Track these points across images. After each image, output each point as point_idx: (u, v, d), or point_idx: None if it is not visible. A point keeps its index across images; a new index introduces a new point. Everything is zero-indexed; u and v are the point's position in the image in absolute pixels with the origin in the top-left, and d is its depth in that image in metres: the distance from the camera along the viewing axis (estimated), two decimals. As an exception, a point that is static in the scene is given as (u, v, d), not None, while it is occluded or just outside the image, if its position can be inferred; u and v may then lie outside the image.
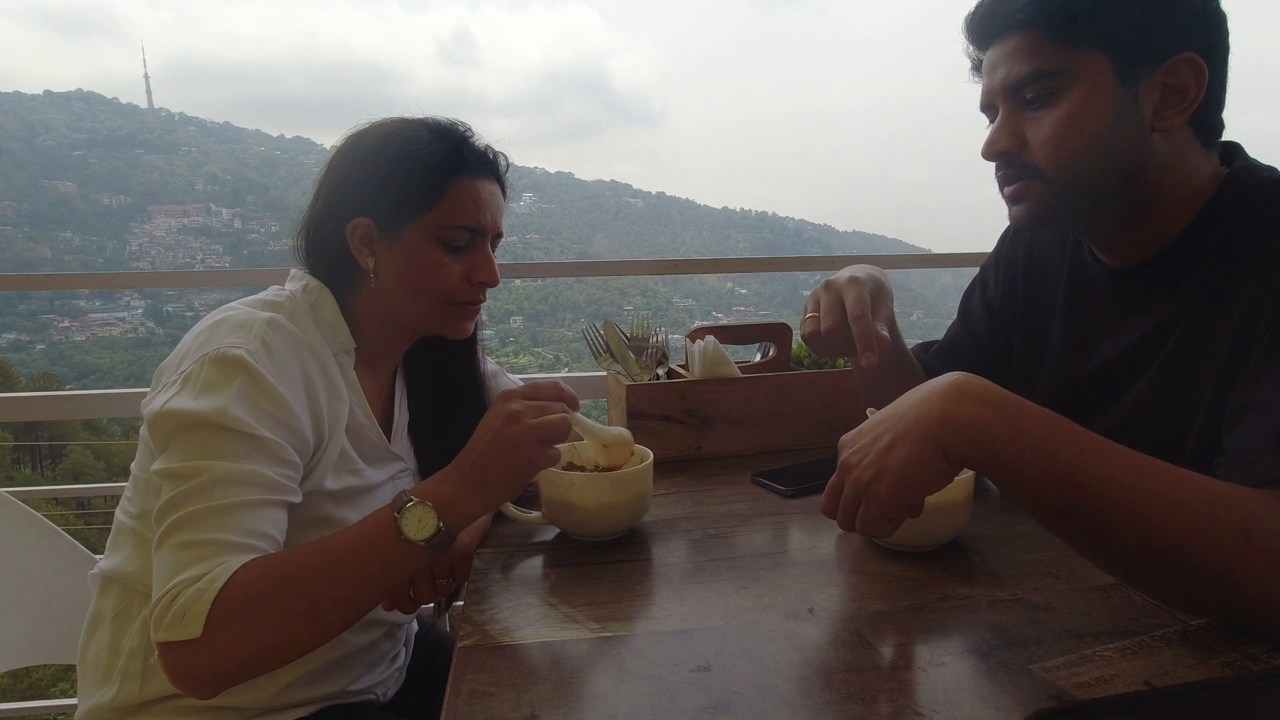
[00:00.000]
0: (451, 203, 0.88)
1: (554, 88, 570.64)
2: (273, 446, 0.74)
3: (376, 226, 0.87)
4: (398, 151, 0.87)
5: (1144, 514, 0.59)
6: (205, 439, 0.71)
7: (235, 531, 0.69)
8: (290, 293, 0.87)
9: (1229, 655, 0.61)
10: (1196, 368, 0.77)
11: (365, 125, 0.91)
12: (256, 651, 0.66)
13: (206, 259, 66.06)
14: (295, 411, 0.77)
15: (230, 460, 0.71)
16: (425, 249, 0.88)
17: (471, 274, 0.90)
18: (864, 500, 0.67)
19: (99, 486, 2.11)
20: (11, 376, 24.70)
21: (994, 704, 0.56)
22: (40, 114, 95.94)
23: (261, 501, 0.72)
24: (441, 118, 0.92)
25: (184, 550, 0.67)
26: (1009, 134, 0.81)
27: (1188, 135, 0.79)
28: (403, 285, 0.88)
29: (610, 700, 0.57)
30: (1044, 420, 0.63)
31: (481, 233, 0.90)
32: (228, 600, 0.64)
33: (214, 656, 0.64)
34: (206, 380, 0.73)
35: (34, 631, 1.09)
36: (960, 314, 1.12)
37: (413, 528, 0.69)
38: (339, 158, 0.90)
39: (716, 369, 1.15)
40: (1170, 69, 0.75)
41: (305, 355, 0.82)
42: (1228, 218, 0.77)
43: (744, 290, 49.76)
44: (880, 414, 0.70)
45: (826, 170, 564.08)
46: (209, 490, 0.69)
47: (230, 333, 0.77)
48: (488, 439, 0.74)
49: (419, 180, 0.87)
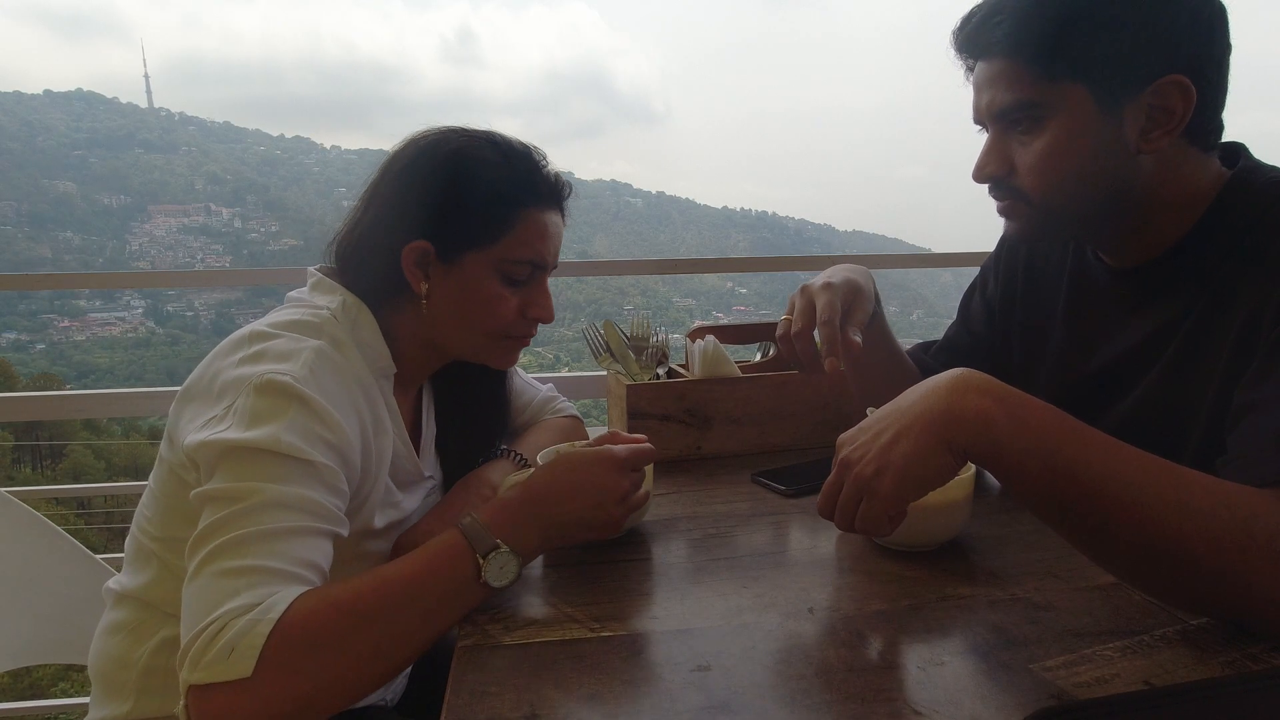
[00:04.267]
0: (519, 235, 0.83)
1: (557, 87, 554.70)
2: (326, 473, 0.69)
3: (435, 251, 0.82)
4: (467, 175, 0.82)
5: (1146, 512, 0.59)
6: (256, 463, 0.66)
7: (286, 559, 0.62)
8: (328, 311, 0.80)
9: (1229, 655, 0.61)
10: (1200, 368, 0.77)
11: (428, 136, 0.86)
12: (311, 695, 0.58)
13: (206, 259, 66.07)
14: (348, 438, 0.73)
15: (282, 484, 0.65)
16: (485, 280, 0.83)
17: (528, 308, 0.86)
18: (865, 497, 0.66)
19: (99, 486, 2.11)
20: (11, 376, 24.70)
21: (994, 704, 0.56)
22: (40, 114, 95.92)
23: (314, 530, 0.66)
24: (513, 139, 0.87)
25: (228, 578, 0.60)
26: (997, 159, 0.82)
27: (1182, 145, 0.78)
28: (456, 314, 0.84)
29: (610, 700, 0.57)
30: (1048, 416, 0.63)
31: (544, 267, 0.87)
32: (285, 635, 0.57)
33: (263, 701, 0.56)
34: (256, 410, 0.68)
35: (34, 631, 1.09)
36: (960, 314, 1.12)
37: (495, 574, 0.66)
38: (400, 170, 0.84)
39: (716, 369, 1.15)
40: (1155, 91, 0.74)
41: (353, 388, 0.77)
42: (1232, 218, 0.77)
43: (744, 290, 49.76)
44: (881, 411, 0.70)
45: (826, 170, 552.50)
46: (258, 514, 0.63)
47: (276, 360, 0.72)
48: (589, 506, 0.73)
49: (488, 209, 0.82)
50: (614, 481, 0.74)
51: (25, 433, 18.76)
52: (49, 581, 1.10)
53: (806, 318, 0.89)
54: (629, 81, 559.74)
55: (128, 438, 21.03)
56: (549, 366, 31.31)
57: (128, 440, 20.92)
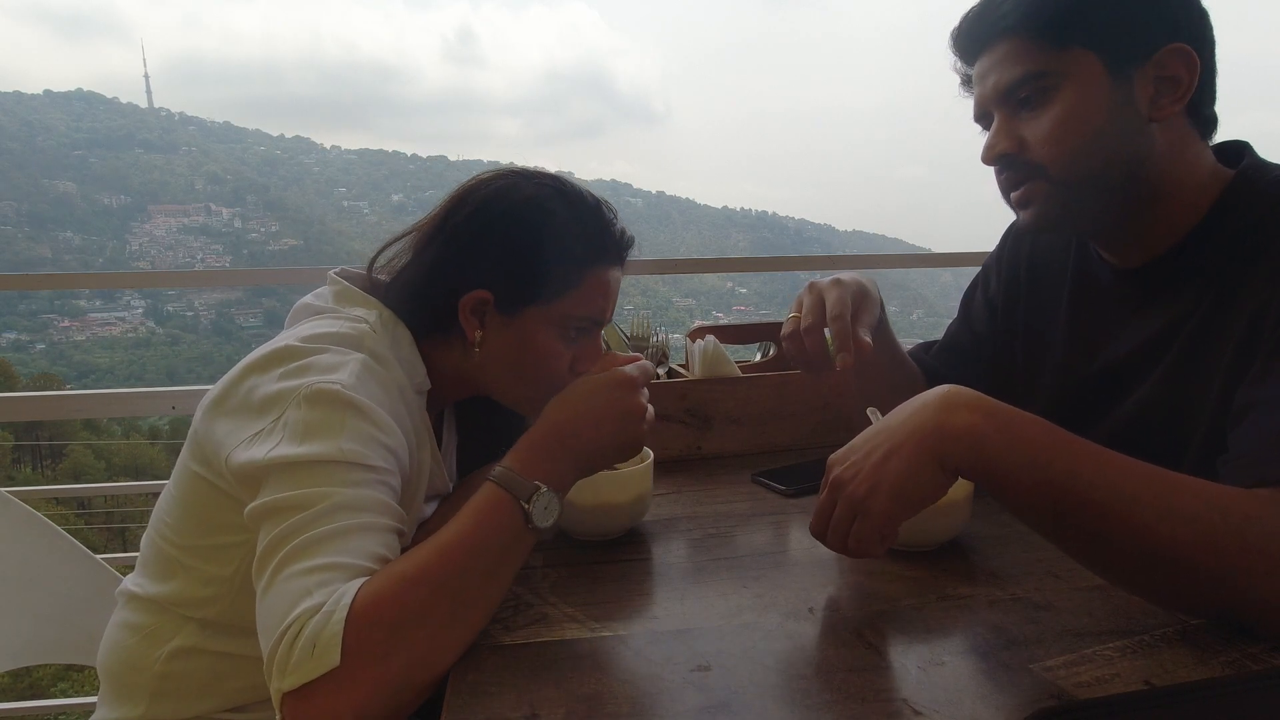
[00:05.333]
0: (585, 293, 0.82)
1: (558, 87, 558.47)
2: (387, 475, 0.69)
3: (495, 301, 0.80)
4: (537, 229, 0.80)
5: (1139, 520, 0.59)
6: (319, 472, 0.64)
7: (356, 555, 0.61)
8: (368, 325, 0.79)
9: (1229, 655, 0.60)
10: (1203, 368, 0.77)
11: (494, 179, 0.83)
12: (406, 670, 0.57)
13: (206, 258, 66.09)
14: (401, 440, 0.73)
15: (348, 488, 0.64)
16: (544, 336, 0.81)
17: (577, 363, 0.84)
18: (859, 516, 0.66)
19: (99, 486, 2.12)
20: (11, 376, 24.71)
21: (994, 703, 0.56)
22: (40, 114, 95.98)
23: (384, 526, 0.65)
24: (584, 191, 0.85)
25: (301, 578, 0.59)
26: (1007, 136, 0.81)
27: (1186, 126, 0.79)
28: (508, 365, 0.83)
29: (610, 700, 0.57)
30: (1037, 428, 0.63)
31: (601, 324, 0.86)
32: (361, 618, 0.56)
33: (363, 686, 0.55)
34: (310, 422, 0.66)
35: (34, 631, 1.09)
36: (961, 313, 1.11)
37: (541, 515, 0.66)
38: (463, 215, 0.82)
39: (716, 369, 1.15)
40: (1160, 61, 0.75)
41: (397, 400, 0.76)
42: (1236, 216, 0.77)
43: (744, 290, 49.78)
44: (870, 430, 0.70)
45: (827, 170, 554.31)
46: (326, 517, 0.62)
47: (323, 372, 0.71)
48: (615, 431, 0.72)
49: (556, 267, 0.80)
50: (634, 402, 0.73)
51: (25, 433, 18.78)
52: (49, 581, 1.10)
53: (816, 314, 0.87)
54: (629, 81, 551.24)
55: (128, 438, 21.04)
56: (549, 366, 31.20)
57: (128, 440, 20.94)
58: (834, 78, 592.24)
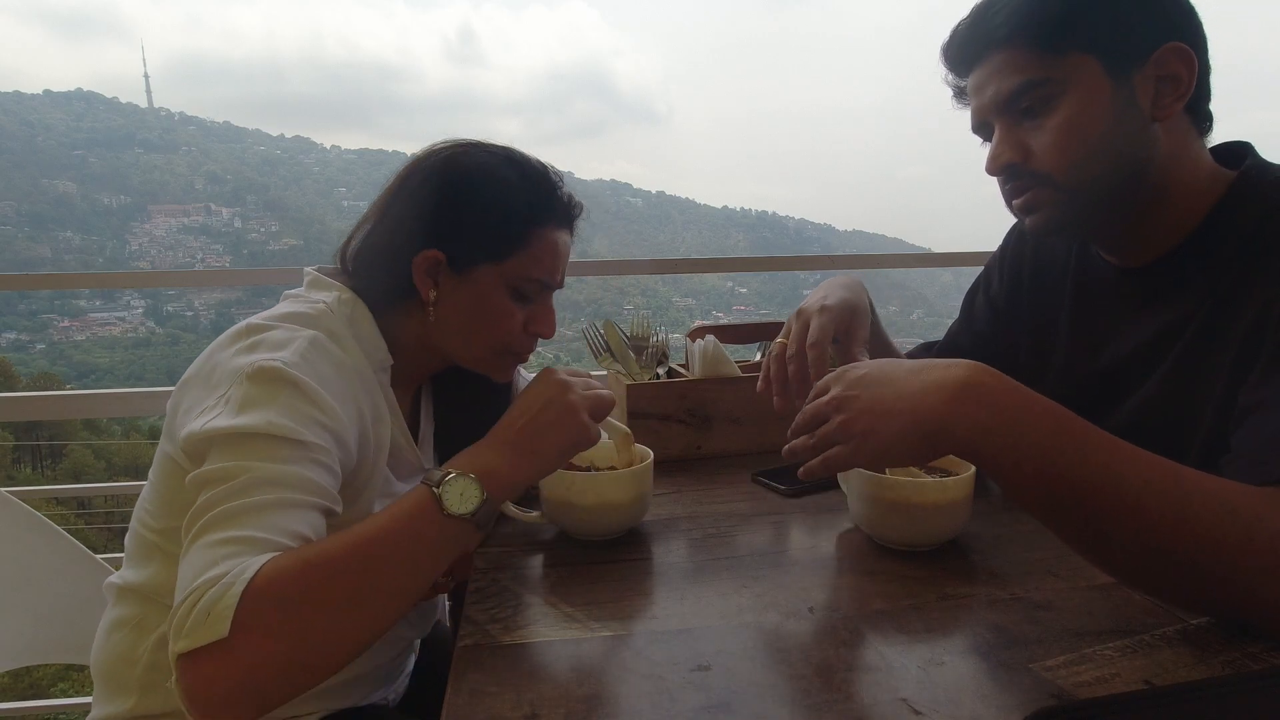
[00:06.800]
0: (533, 253, 0.84)
1: (559, 87, 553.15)
2: (318, 453, 0.69)
3: (447, 261, 0.83)
4: (485, 191, 0.83)
5: (1146, 515, 0.58)
6: (248, 445, 0.66)
7: (272, 530, 0.63)
8: (325, 304, 0.82)
9: (1229, 654, 0.60)
10: (1206, 367, 0.76)
11: (448, 148, 0.86)
12: (295, 650, 0.58)
13: (206, 258, 66.06)
14: (342, 419, 0.73)
15: (273, 462, 0.66)
16: (495, 294, 0.84)
17: (530, 324, 0.88)
18: (844, 443, 0.69)
19: (99, 486, 2.11)
20: (11, 376, 24.70)
21: (994, 703, 0.56)
22: (40, 114, 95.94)
23: (305, 503, 0.66)
24: (531, 158, 0.88)
25: (213, 549, 0.61)
26: (1012, 146, 0.81)
27: (1187, 125, 0.79)
28: (462, 324, 0.85)
29: (610, 700, 0.57)
30: (1046, 422, 0.62)
31: (552, 286, 0.88)
32: (257, 593, 0.57)
33: (247, 659, 0.56)
34: (248, 397, 0.69)
35: (34, 631, 1.09)
36: (963, 313, 1.11)
37: (455, 501, 0.66)
38: (416, 180, 0.85)
39: (716, 368, 1.15)
40: (1159, 60, 0.76)
41: (350, 376, 0.78)
42: (1239, 216, 0.77)
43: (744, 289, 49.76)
44: (892, 372, 0.69)
45: (827, 169, 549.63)
46: (248, 489, 0.64)
47: (271, 349, 0.73)
48: (538, 406, 0.73)
49: (504, 226, 0.83)
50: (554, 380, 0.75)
51: (25, 433, 18.77)
52: (49, 581, 1.10)
53: (800, 342, 0.91)
54: (631, 82, 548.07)
55: (128, 438, 21.02)
56: (549, 366, 31.17)
57: (128, 440, 20.92)
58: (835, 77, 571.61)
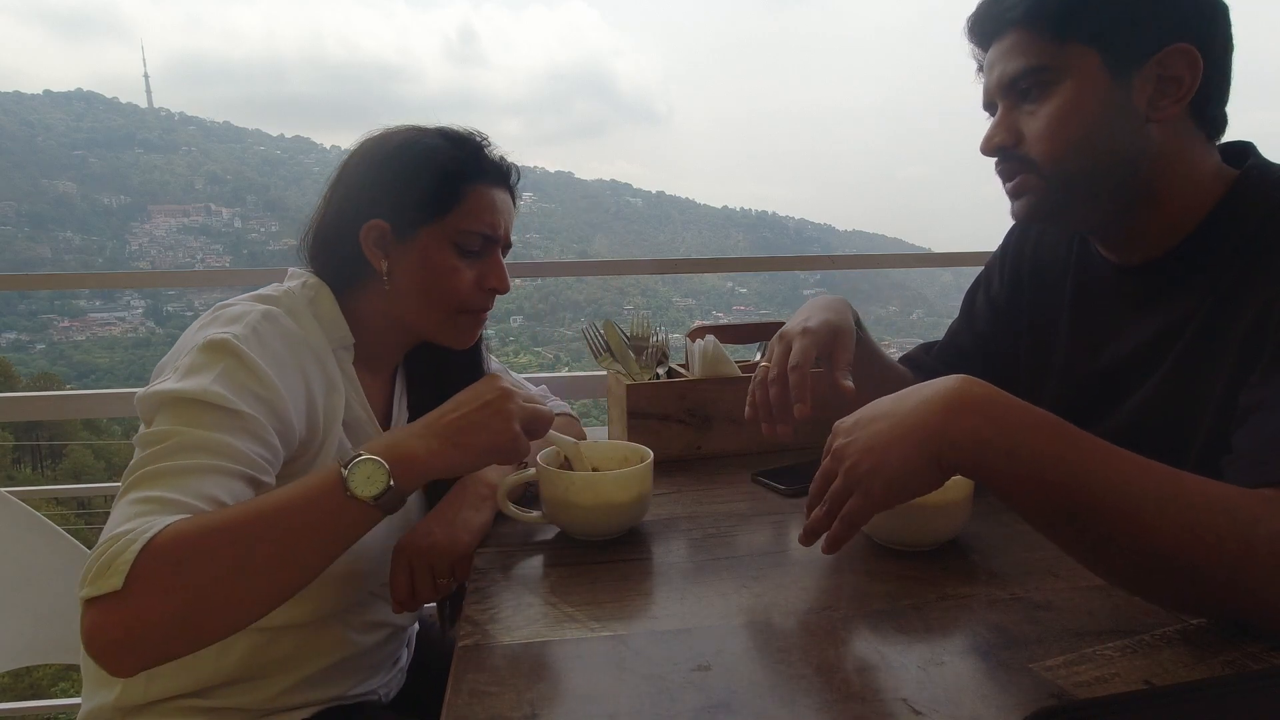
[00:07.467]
0: (468, 208, 0.89)
1: (560, 87, 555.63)
2: (251, 423, 0.72)
3: (392, 229, 0.88)
4: (416, 157, 0.88)
5: (1144, 521, 0.58)
6: (181, 411, 0.70)
7: (188, 493, 0.65)
8: (288, 289, 0.87)
9: (1229, 654, 0.60)
10: (1207, 367, 0.76)
11: (380, 131, 0.92)
12: (182, 609, 0.60)
13: (206, 259, 66.04)
14: (282, 394, 0.76)
15: (202, 428, 0.69)
16: (440, 252, 0.89)
17: (483, 279, 0.91)
18: (857, 493, 0.67)
19: (99, 486, 2.10)
20: (11, 376, 24.70)
21: (994, 703, 0.56)
22: (40, 114, 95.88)
23: (226, 470, 0.69)
24: (459, 126, 0.93)
25: (131, 505, 0.64)
26: (1005, 129, 0.83)
27: (1189, 126, 0.79)
28: (416, 288, 0.89)
29: (610, 700, 0.57)
30: (1043, 432, 0.62)
31: (495, 240, 0.92)
32: (154, 551, 0.59)
33: (133, 612, 0.58)
34: (193, 364, 0.73)
35: (34, 631, 1.09)
36: (963, 313, 1.11)
37: (360, 484, 0.65)
38: (355, 161, 0.91)
39: (716, 368, 1.15)
40: (1162, 60, 0.75)
41: (300, 349, 0.82)
42: (1240, 216, 0.77)
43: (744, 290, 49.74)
44: (881, 406, 0.70)
45: (827, 169, 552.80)
46: (174, 453, 0.67)
47: (224, 325, 0.77)
48: (474, 405, 0.73)
49: (437, 185, 0.88)
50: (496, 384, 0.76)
51: (25, 433, 18.76)
52: (49, 581, 1.10)
53: (781, 365, 0.91)
54: (631, 82, 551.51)
55: (128, 438, 20.98)
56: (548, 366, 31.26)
57: (128, 440, 20.88)
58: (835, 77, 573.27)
